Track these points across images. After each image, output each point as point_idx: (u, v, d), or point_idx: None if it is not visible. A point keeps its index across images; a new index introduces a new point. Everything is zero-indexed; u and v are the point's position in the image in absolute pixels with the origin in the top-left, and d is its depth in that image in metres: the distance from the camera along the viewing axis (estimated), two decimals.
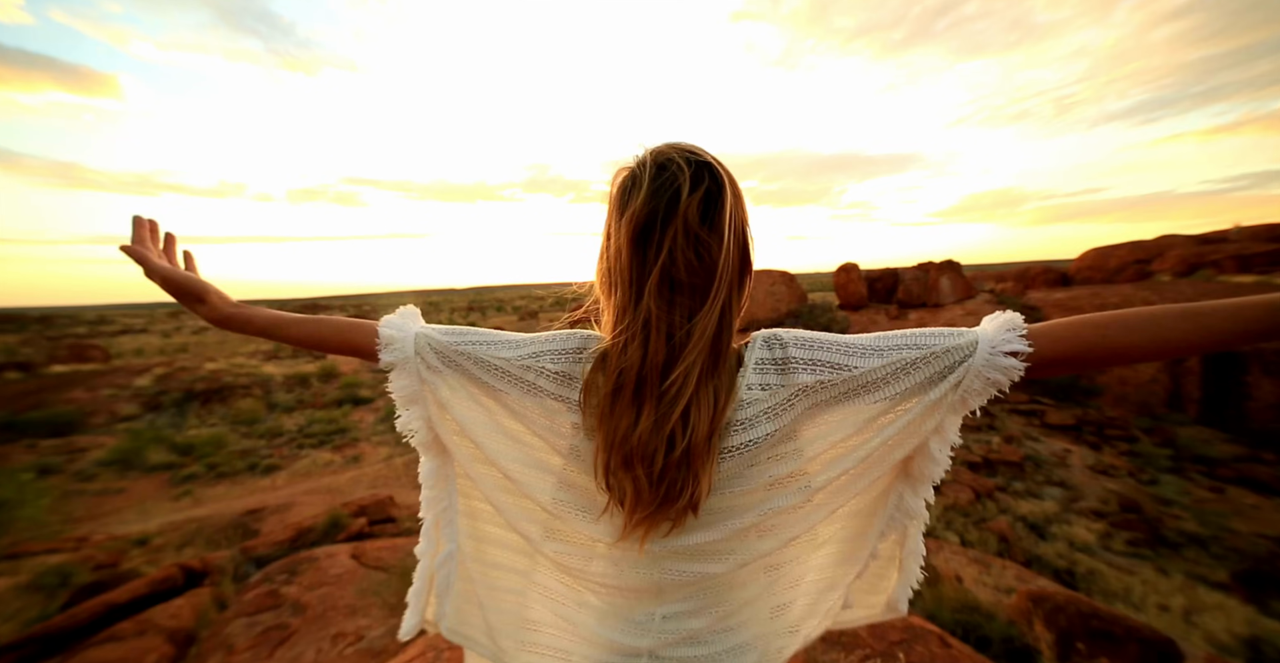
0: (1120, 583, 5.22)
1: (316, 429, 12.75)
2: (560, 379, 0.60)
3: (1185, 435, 10.00)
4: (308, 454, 11.49)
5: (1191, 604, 4.87)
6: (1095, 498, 7.71)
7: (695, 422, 0.52)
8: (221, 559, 4.82)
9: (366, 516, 7.32)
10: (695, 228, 0.51)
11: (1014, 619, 2.93)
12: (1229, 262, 14.81)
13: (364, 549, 5.63)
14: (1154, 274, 16.17)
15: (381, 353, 0.64)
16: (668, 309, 0.52)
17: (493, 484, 0.68)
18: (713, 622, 0.62)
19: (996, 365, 0.52)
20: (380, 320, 0.65)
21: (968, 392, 0.53)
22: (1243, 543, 6.45)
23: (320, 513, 7.16)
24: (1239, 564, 6.01)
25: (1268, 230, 16.33)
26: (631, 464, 0.54)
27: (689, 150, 0.54)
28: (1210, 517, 7.05)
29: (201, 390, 15.50)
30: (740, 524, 0.59)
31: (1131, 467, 8.97)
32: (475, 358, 0.62)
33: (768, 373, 0.57)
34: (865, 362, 0.55)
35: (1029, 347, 0.51)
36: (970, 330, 0.55)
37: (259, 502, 8.60)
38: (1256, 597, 5.32)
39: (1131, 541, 6.51)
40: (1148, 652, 2.51)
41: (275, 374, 17.72)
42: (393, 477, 9.97)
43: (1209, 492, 8.12)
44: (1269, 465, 8.74)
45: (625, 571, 0.63)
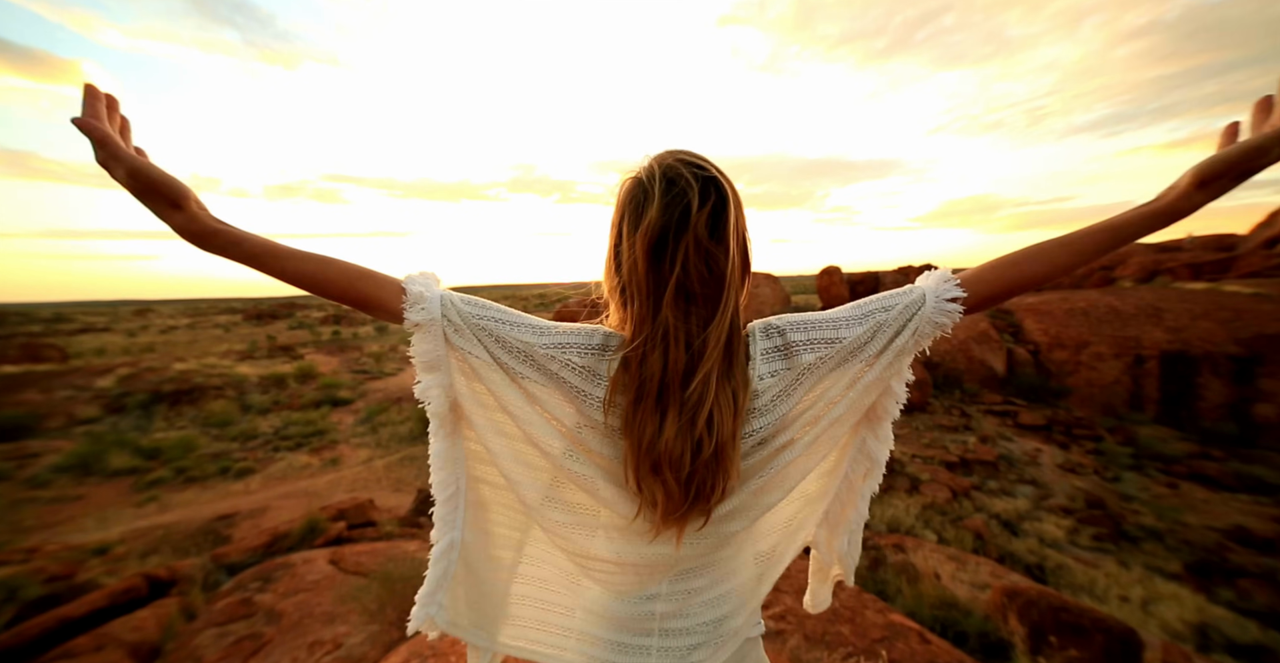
0: (1086, 576, 5.45)
1: (293, 431, 12.37)
2: (585, 374, 0.60)
3: (1145, 434, 10.51)
4: (283, 457, 11.12)
5: (1149, 595, 5.12)
6: (1064, 495, 8.03)
7: (719, 424, 0.55)
8: (190, 568, 4.62)
9: (346, 520, 7.12)
10: (705, 241, 0.54)
11: (990, 615, 3.04)
12: (1183, 269, 15.74)
13: (343, 554, 5.48)
14: (1117, 280, 17.02)
15: (408, 311, 0.59)
16: (685, 319, 0.55)
17: (512, 458, 0.66)
18: (711, 581, 0.66)
19: (942, 310, 0.61)
20: (403, 277, 0.61)
21: (920, 335, 0.62)
22: (1194, 535, 6.82)
23: (297, 518, 6.94)
24: (1190, 556, 6.35)
25: (1216, 240, 17.56)
26: (660, 470, 0.55)
27: (695, 163, 0.55)
28: (1166, 511, 7.43)
29: (170, 392, 14.85)
30: (756, 486, 0.62)
31: (1097, 465, 9.38)
32: (497, 336, 0.60)
33: (774, 361, 0.61)
34: (851, 331, 0.61)
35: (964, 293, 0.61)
36: (915, 286, 0.64)
37: (231, 507, 8.29)
38: (1205, 586, 5.64)
39: (1096, 535, 6.80)
40: (1112, 642, 2.63)
41: (250, 375, 17.09)
42: (373, 480, 9.73)
43: (1165, 487, 8.54)
44: (1217, 462, 9.26)
45: (638, 548, 0.63)
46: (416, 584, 0.70)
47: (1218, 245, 17.14)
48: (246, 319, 58.71)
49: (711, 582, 0.67)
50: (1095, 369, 12.15)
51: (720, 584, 0.67)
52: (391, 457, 11.09)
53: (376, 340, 31.26)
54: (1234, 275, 14.48)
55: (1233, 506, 7.81)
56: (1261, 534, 6.87)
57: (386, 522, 7.26)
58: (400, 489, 9.45)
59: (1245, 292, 12.17)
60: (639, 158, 0.61)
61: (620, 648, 0.63)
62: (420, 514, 8.10)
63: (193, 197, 0.55)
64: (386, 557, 5.39)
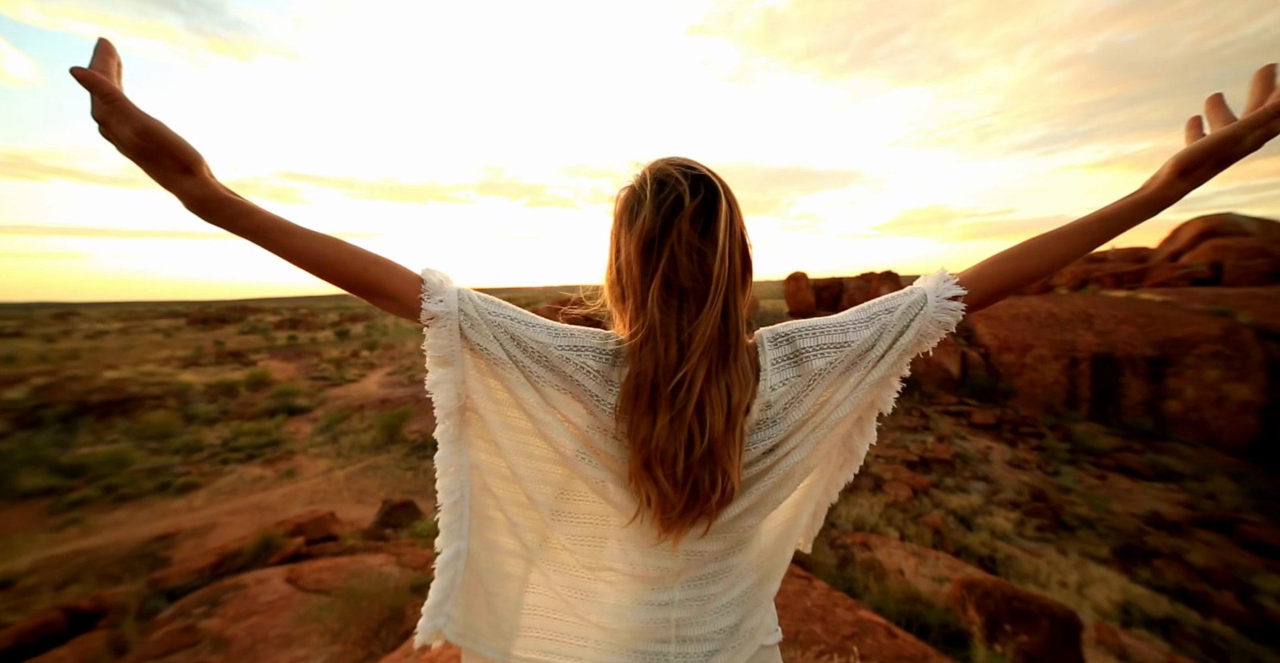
0: (1031, 565, 5.86)
1: (244, 442, 11.59)
2: (600, 379, 0.60)
3: (1079, 431, 11.44)
4: (233, 470, 10.36)
5: (1083, 579, 5.58)
6: (1012, 490, 8.61)
7: (711, 419, 0.55)
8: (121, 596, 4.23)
9: (304, 534, 6.71)
10: (693, 237, 0.54)
11: (950, 607, 3.22)
12: (1108, 278, 17.38)
13: (301, 572, 5.16)
14: (1055, 287, 18.57)
15: (427, 302, 0.57)
16: (675, 315, 0.55)
17: (522, 452, 0.65)
18: (725, 586, 0.66)
19: (944, 308, 0.62)
20: (422, 268, 0.60)
21: (923, 335, 0.63)
22: (1119, 522, 7.47)
23: (249, 534, 6.49)
24: (1116, 541, 6.96)
25: (1133, 253, 19.58)
26: (652, 467, 0.55)
27: (685, 164, 0.57)
28: (1096, 501, 8.11)
29: (99, 402, 13.55)
30: (763, 489, 0.63)
31: (1039, 460, 10.12)
32: (512, 334, 0.59)
33: (785, 369, 0.61)
34: (859, 334, 0.62)
35: (964, 290, 0.62)
36: (916, 286, 0.65)
37: (171, 526, 7.63)
38: (1128, 568, 6.20)
39: (1039, 526, 7.33)
40: (1056, 626, 2.85)
41: (195, 383, 15.85)
42: (333, 491, 9.22)
43: (1096, 479, 9.33)
44: (1137, 454, 10.19)
45: (650, 556, 0.63)
46: (383, 600, 0.67)
47: (1134, 258, 19.04)
48: (191, 323, 54.84)
49: (725, 588, 0.67)
50: (1038, 371, 13.15)
51: (733, 589, 0.67)
52: (353, 467, 10.56)
53: (336, 346, 29.70)
54: (1147, 285, 16.08)
55: (1150, 493, 8.62)
56: (1172, 518, 7.62)
57: (349, 536, 6.89)
58: (363, 501, 9.01)
59: (1156, 299, 13.51)
60: (626, 166, 0.61)
61: (638, 656, 0.63)
62: (385, 526, 7.73)
63: (205, 163, 0.51)
64: (350, 572, 5.11)
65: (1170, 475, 9.35)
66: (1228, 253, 15.49)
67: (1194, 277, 15.51)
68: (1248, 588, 5.86)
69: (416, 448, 11.98)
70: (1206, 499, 8.35)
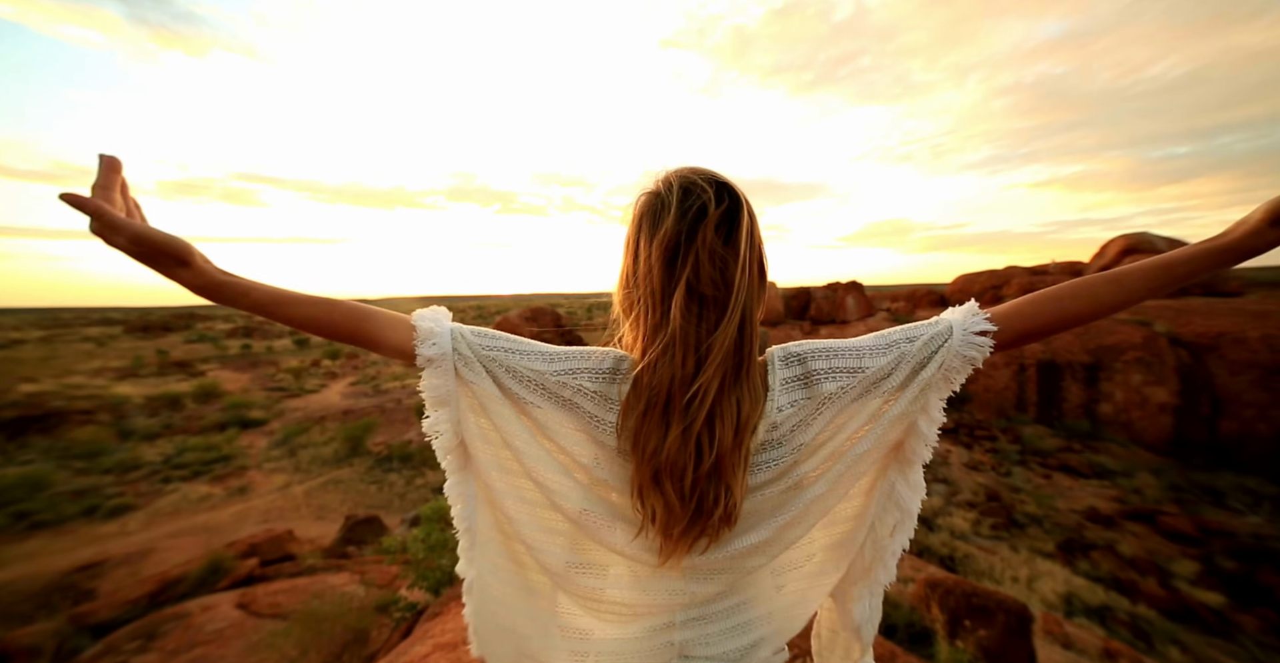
0: (987, 562, 6.21)
1: (190, 459, 10.71)
2: (598, 399, 0.59)
3: (1028, 433, 12.26)
4: (175, 489, 9.55)
5: (1032, 573, 5.97)
6: (969, 491, 9.11)
7: (720, 432, 0.54)
8: (34, 636, 3.81)
9: (258, 555, 6.28)
10: (717, 244, 0.54)
11: (915, 606, 3.38)
12: None
13: (255, 596, 4.82)
14: (1004, 298, 19.90)
15: (420, 348, 0.59)
16: (695, 323, 0.54)
17: (515, 496, 0.65)
18: (731, 606, 0.66)
19: (971, 343, 0.59)
20: (412, 314, 0.61)
21: (949, 370, 0.60)
22: (1062, 519, 8.05)
23: (194, 558, 6.02)
24: (1060, 536, 7.49)
25: (1070, 266, 21.42)
26: (660, 480, 0.55)
27: (709, 174, 0.57)
28: (1043, 499, 8.70)
29: (11, 419, 12.20)
30: (780, 522, 0.62)
31: (993, 462, 10.77)
32: (507, 366, 0.59)
33: (794, 390, 0.59)
34: (875, 361, 0.60)
35: (994, 326, 0.59)
36: (943, 317, 0.63)
37: (99, 553, 6.92)
38: (1070, 561, 6.70)
39: (993, 525, 7.79)
40: (1010, 619, 3.05)
41: (132, 396, 14.53)
42: (291, 508, 8.65)
43: (1042, 478, 10.01)
44: (1076, 454, 11.03)
45: (649, 590, 0.63)
46: (346, 622, 0.68)
47: (1071, 271, 20.81)
48: (130, 331, 50.33)
49: (732, 607, 0.65)
50: (991, 377, 14.05)
51: (744, 611, 0.66)
52: (313, 482, 9.96)
53: (296, 354, 27.98)
54: None
55: (1087, 490, 9.33)
56: (1106, 513, 8.28)
57: (308, 555, 6.50)
58: (324, 517, 8.50)
59: None
60: (640, 174, 0.62)
61: None
62: (349, 543, 7.32)
63: (197, 251, 0.55)
64: (310, 594, 4.83)
65: (1104, 473, 10.16)
66: None
67: None
68: (1167, 574, 6.44)
69: (381, 460, 11.44)
70: (1133, 494, 9.12)
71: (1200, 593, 5.97)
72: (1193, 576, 6.43)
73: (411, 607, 3.93)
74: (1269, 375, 10.57)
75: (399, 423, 13.94)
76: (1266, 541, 7.08)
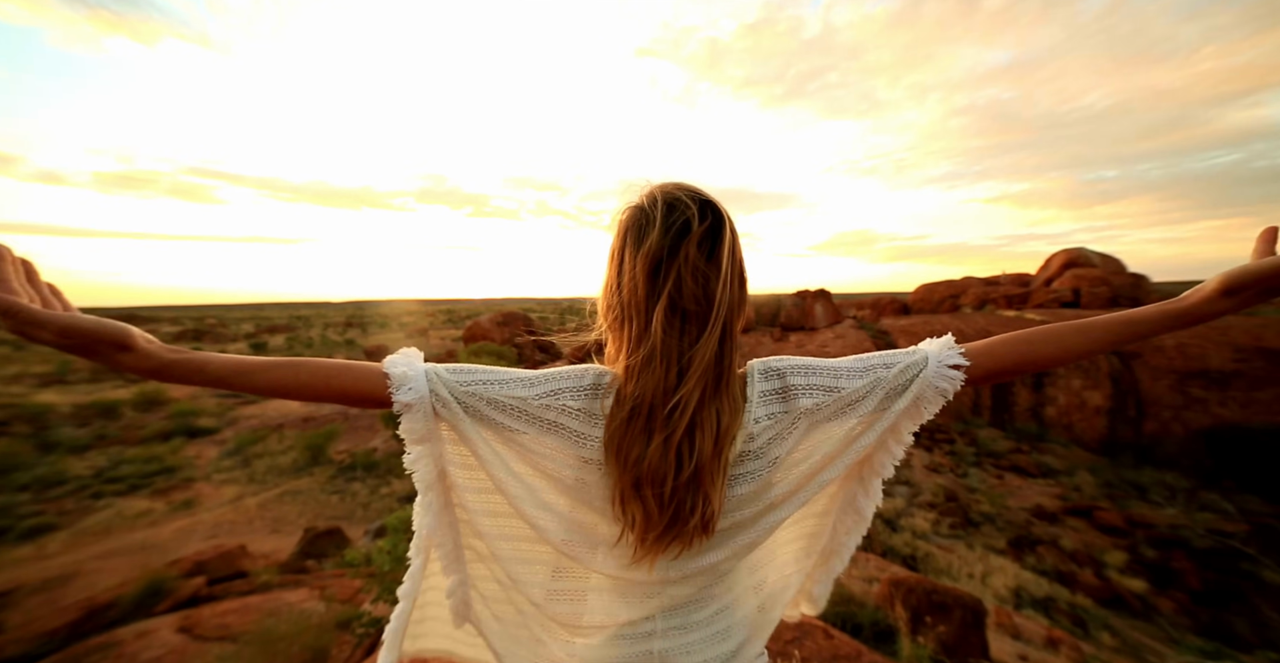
0: (945, 560, 6.54)
1: (126, 471, 9.87)
2: (583, 416, 0.60)
3: (983, 436, 13.00)
4: (108, 505, 8.77)
5: (986, 569, 6.34)
6: (929, 492, 9.56)
7: (700, 442, 0.56)
8: None
9: (205, 574, 5.86)
10: (699, 261, 0.55)
11: (880, 605, 3.53)
12: (1001, 299, 20.15)
13: (200, 618, 4.51)
14: (961, 307, 21.15)
15: (397, 394, 0.58)
16: (677, 337, 0.56)
17: (496, 533, 0.66)
18: (711, 613, 0.67)
19: (944, 375, 0.62)
20: (383, 361, 0.61)
21: (921, 399, 0.63)
22: (1013, 516, 8.58)
23: (128, 580, 5.54)
24: (1011, 533, 7.98)
25: (1018, 278, 22.92)
26: (641, 488, 0.56)
27: (693, 190, 0.58)
28: (995, 498, 9.25)
29: None
30: (746, 540, 0.64)
31: (951, 464, 11.36)
32: (487, 398, 0.60)
33: (772, 403, 0.61)
34: (851, 383, 0.62)
35: (967, 361, 0.62)
36: (920, 348, 0.65)
37: (8, 582, 6.22)
38: (1019, 556, 7.16)
39: (952, 525, 8.22)
40: (966, 614, 3.24)
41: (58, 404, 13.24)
42: (243, 522, 8.10)
43: (995, 479, 10.63)
44: (1025, 455, 11.80)
45: (628, 599, 0.65)
46: (304, 641, 0.67)
47: (1020, 282, 22.28)
48: None
49: (712, 615, 0.67)
50: None
51: (723, 617, 0.68)
52: (268, 493, 9.38)
53: None
54: (1030, 306, 18.88)
55: (1035, 488, 9.99)
56: (1050, 510, 8.89)
57: (262, 571, 6.12)
58: (280, 530, 8.02)
59: (1036, 318, 15.84)
60: (624, 186, 0.63)
61: None
62: (307, 557, 6.94)
63: (136, 332, 0.53)
64: (264, 612, 4.55)
65: (1049, 472, 10.91)
66: (1083, 281, 18.65)
67: (1061, 300, 18.46)
68: (1100, 564, 7.01)
69: (344, 469, 10.90)
70: (1074, 491, 9.84)
71: (1127, 581, 6.55)
72: (1121, 565, 7.03)
73: (376, 622, 3.78)
74: (1183, 380, 11.70)
75: (363, 430, 13.34)
76: (1180, 530, 7.84)
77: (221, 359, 0.56)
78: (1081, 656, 3.83)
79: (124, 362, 0.52)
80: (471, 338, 25.24)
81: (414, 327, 63.96)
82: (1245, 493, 9.18)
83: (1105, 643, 4.88)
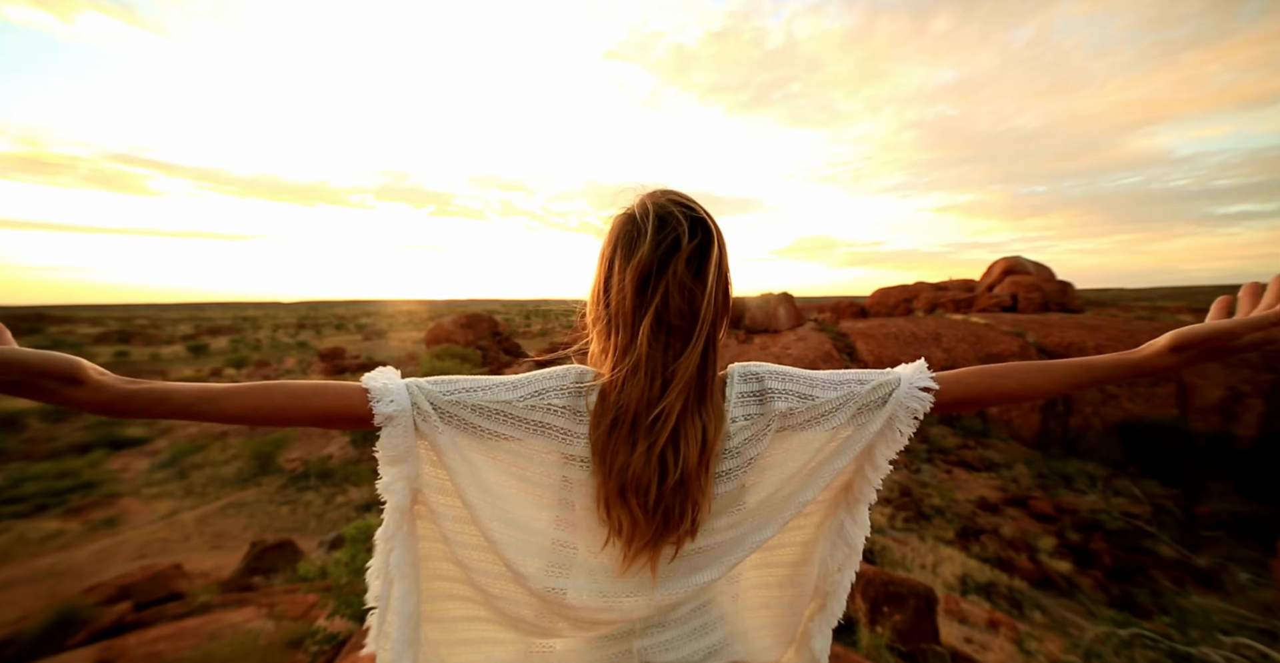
0: (900, 553, 6.91)
1: (31, 489, 8.78)
2: (568, 413, 0.61)
3: (934, 433, 13.85)
4: (6, 529, 7.77)
5: (936, 559, 6.76)
6: (886, 488, 9.99)
7: (685, 451, 0.57)
8: None
9: (132, 598, 5.33)
10: (686, 277, 0.57)
11: None
12: (949, 303, 21.58)
13: (124, 647, 4.11)
14: (914, 310, 22.47)
15: (377, 406, 0.57)
16: (662, 349, 0.57)
17: (470, 544, 0.65)
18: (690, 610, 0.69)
19: (914, 396, 0.64)
20: (361, 378, 0.60)
21: (894, 419, 0.65)
22: (960, 509, 9.20)
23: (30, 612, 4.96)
24: (958, 524, 8.56)
25: (964, 284, 24.57)
26: (626, 494, 0.57)
27: (686, 204, 0.59)
28: (945, 492, 9.89)
29: None
30: (733, 560, 0.65)
31: (905, 460, 12.04)
32: (473, 405, 0.59)
33: (749, 405, 0.63)
34: (825, 393, 0.64)
35: (937, 385, 0.65)
36: (894, 370, 0.68)
37: None
38: (965, 546, 7.70)
39: (906, 518, 8.71)
40: (919, 602, 3.45)
41: None
42: (178, 539, 7.39)
43: (945, 474, 11.35)
44: (971, 450, 12.69)
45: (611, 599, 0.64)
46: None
47: (966, 288, 23.94)
48: None
49: (691, 612, 0.68)
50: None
51: (702, 614, 0.69)
52: (208, 506, 8.63)
53: (190, 363, 24.13)
54: (975, 310, 20.33)
55: (979, 481, 10.76)
56: (992, 501, 9.61)
57: (201, 591, 5.65)
58: (221, 546, 7.41)
59: (980, 322, 17.07)
60: (620, 191, 0.64)
61: None
62: (254, 574, 6.44)
63: (87, 364, 0.49)
64: (203, 636, 4.21)
65: (991, 466, 11.78)
66: (1019, 287, 20.30)
67: (1002, 304, 20.01)
68: (1034, 549, 7.68)
69: (296, 478, 10.21)
70: (1012, 483, 10.67)
71: (1055, 563, 7.21)
72: (1051, 549, 7.72)
73: (332, 638, 3.58)
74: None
75: (317, 437, 12.53)
76: (1098, 514, 8.71)
77: (186, 388, 0.53)
78: (1018, 635, 4.16)
79: (74, 397, 0.48)
80: (434, 340, 24.28)
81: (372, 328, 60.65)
82: (1148, 478, 10.26)
83: (1037, 622, 5.34)
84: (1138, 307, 21.89)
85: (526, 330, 50.86)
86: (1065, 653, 3.49)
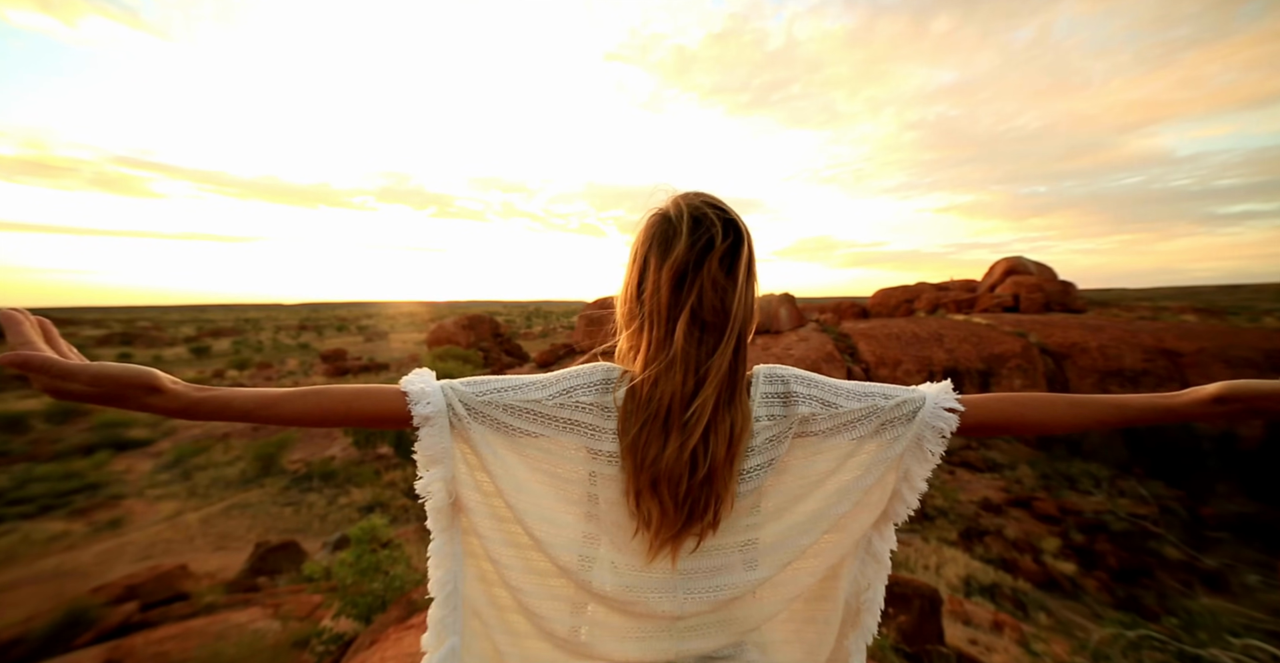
0: (903, 553, 6.91)
1: (36, 491, 8.83)
2: (596, 410, 0.63)
3: None
4: (12, 529, 7.81)
5: (939, 560, 6.75)
6: None
7: (714, 446, 0.59)
8: None
9: (138, 598, 5.36)
10: (720, 275, 0.59)
11: None
12: (951, 304, 21.53)
13: (131, 647, 4.14)
14: (915, 311, 22.42)
15: (415, 408, 0.60)
16: (696, 346, 0.59)
17: (504, 540, 0.66)
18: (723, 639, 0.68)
19: (940, 416, 0.64)
20: (400, 381, 0.63)
21: (921, 437, 0.65)
22: (963, 510, 9.18)
23: (38, 612, 4.99)
24: (961, 525, 8.54)
25: (965, 284, 24.53)
26: (658, 487, 0.59)
27: (719, 206, 0.62)
28: (948, 493, 9.86)
29: None
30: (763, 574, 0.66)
31: None
32: (505, 405, 0.62)
33: (774, 405, 0.65)
34: (849, 403, 0.65)
35: (962, 407, 0.64)
36: (919, 388, 0.68)
37: None
38: (969, 547, 7.68)
39: (910, 519, 8.71)
40: (924, 603, 3.44)
41: None
42: (183, 539, 7.43)
43: (948, 475, 11.33)
44: (975, 451, 12.66)
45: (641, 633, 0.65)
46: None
47: (968, 288, 23.88)
48: None
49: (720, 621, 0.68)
50: (906, 383, 15.56)
51: (734, 623, 0.69)
52: (212, 507, 8.66)
53: (192, 365, 24.24)
54: (977, 310, 20.28)
55: (982, 482, 10.73)
56: (996, 502, 9.57)
57: (206, 591, 5.68)
58: (225, 547, 7.43)
59: (983, 322, 17.04)
60: (651, 191, 0.66)
61: None
62: (259, 574, 6.46)
63: (162, 374, 0.55)
64: (210, 636, 4.24)
65: (995, 467, 11.75)
66: (1021, 287, 20.25)
67: (1004, 305, 19.95)
68: (1038, 551, 7.66)
69: (299, 480, 10.24)
70: (1016, 484, 10.64)
71: (1060, 564, 7.19)
72: (1055, 551, 7.70)
73: (337, 638, 3.60)
74: (1104, 378, 12.95)
75: (319, 438, 12.56)
76: (1103, 515, 8.66)
77: (246, 393, 0.58)
78: (1022, 636, 4.15)
79: (153, 404, 0.54)
80: (436, 341, 24.32)
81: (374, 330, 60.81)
82: (1153, 479, 10.22)
83: (1042, 623, 5.33)
84: (1140, 307, 21.76)
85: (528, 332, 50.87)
86: (1072, 655, 3.48)
